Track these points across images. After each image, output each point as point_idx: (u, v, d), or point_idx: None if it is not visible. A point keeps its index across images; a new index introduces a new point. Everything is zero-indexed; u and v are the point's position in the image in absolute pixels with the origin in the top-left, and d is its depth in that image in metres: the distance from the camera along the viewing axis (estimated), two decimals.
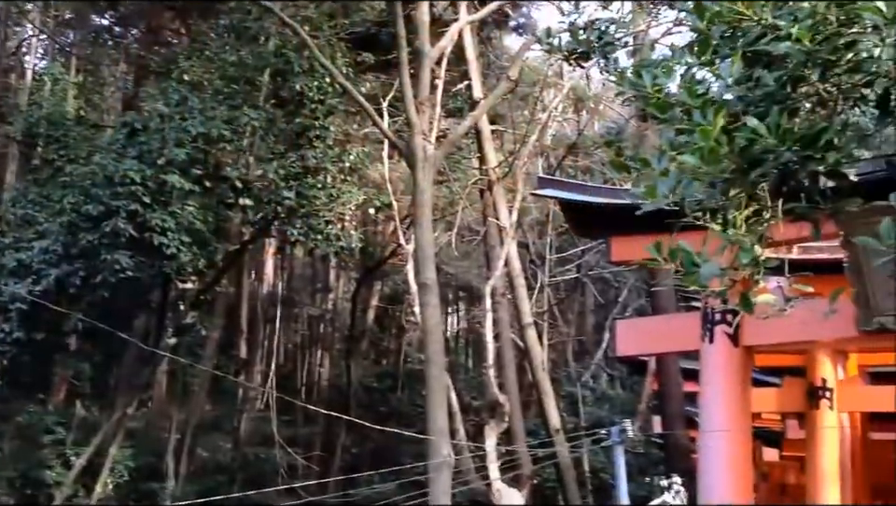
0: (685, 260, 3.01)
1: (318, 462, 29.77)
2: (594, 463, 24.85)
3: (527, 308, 21.32)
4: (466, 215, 24.92)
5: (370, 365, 34.90)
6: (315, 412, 25.94)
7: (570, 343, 33.25)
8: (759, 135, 2.74)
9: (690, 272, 3.01)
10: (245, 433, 29.98)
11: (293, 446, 28.05)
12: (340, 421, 25.38)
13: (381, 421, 28.03)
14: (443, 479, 13.16)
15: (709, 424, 10.16)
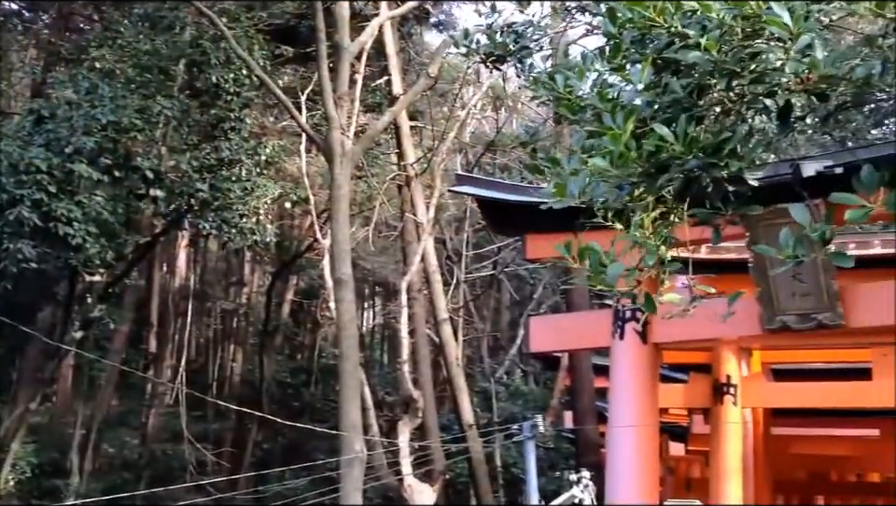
0: (592, 260, 3.08)
1: (229, 458, 29.39)
2: (506, 458, 25.11)
3: (443, 304, 21.40)
4: (383, 210, 24.88)
5: (284, 360, 34.56)
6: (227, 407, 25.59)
7: (485, 339, 33.49)
8: (666, 142, 2.82)
9: (597, 272, 3.08)
10: (153, 429, 29.40)
11: (203, 442, 27.61)
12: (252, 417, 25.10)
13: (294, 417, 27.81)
14: (355, 475, 13.13)
15: (618, 419, 10.38)
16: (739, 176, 2.96)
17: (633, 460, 10.17)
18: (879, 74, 2.64)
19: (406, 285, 19.70)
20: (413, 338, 20.75)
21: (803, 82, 2.66)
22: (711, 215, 3.12)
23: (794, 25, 2.55)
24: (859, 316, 9.30)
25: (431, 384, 21.69)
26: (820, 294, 9.44)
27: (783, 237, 2.81)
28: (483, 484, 19.61)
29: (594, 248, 3.12)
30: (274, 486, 19.70)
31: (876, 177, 2.65)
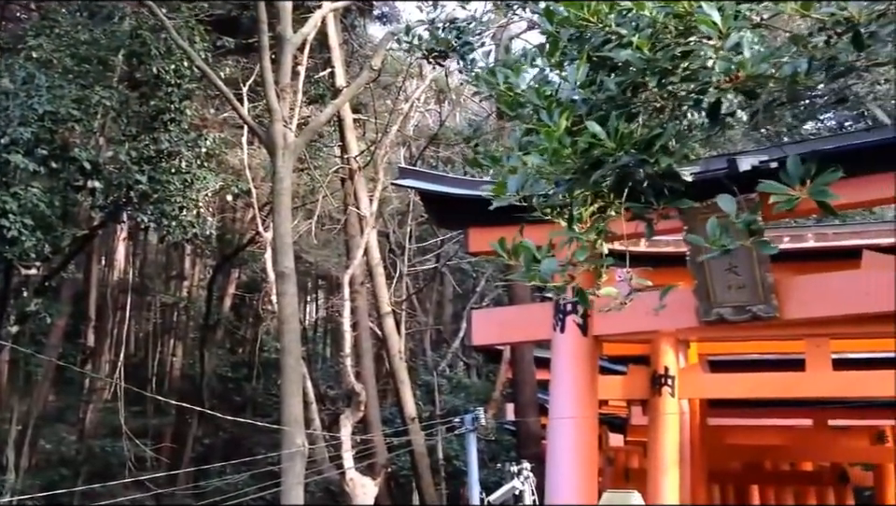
0: (527, 256, 3.13)
1: (168, 454, 29.04)
2: (448, 451, 25.20)
3: (386, 297, 21.40)
4: (326, 203, 24.76)
5: (225, 354, 34.21)
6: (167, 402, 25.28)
7: (428, 332, 33.55)
8: (600, 139, 2.88)
9: (531, 268, 3.12)
10: (90, 425, 28.92)
11: (142, 438, 27.24)
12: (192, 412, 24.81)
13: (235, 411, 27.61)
14: (297, 469, 13.09)
15: (558, 411, 10.50)
16: (672, 172, 3.03)
17: (572, 451, 10.30)
18: (806, 72, 2.73)
19: (349, 278, 19.66)
20: (356, 331, 20.73)
21: (732, 80, 2.74)
22: (644, 209, 3.19)
23: (724, 24, 2.63)
24: (792, 308, 9.52)
25: (374, 377, 21.69)
26: (755, 287, 9.64)
27: (710, 227, 2.89)
28: (425, 477, 19.68)
29: (527, 245, 3.17)
30: (215, 482, 19.51)
31: (802, 169, 2.74)
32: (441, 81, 24.28)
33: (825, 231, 13.15)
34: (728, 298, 9.90)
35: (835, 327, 11.96)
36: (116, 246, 33.33)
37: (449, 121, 28.72)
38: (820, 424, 18.50)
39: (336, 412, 21.84)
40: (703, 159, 12.08)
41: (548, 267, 3.08)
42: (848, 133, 11.64)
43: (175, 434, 30.35)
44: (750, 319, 9.86)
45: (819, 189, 2.73)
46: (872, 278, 9.08)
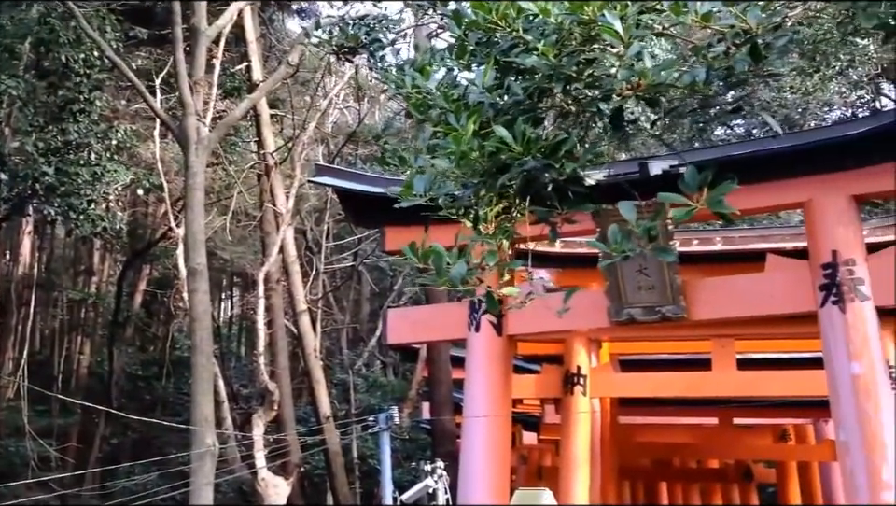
0: (436, 261, 3.13)
1: (74, 454, 28.23)
2: (363, 450, 25.11)
3: (302, 295, 21.22)
4: (242, 199, 24.40)
5: (135, 352, 33.42)
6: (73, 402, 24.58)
7: (345, 330, 33.37)
8: (506, 143, 2.90)
9: (441, 272, 3.13)
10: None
11: (47, 438, 26.40)
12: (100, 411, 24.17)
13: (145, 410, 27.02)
14: (206, 469, 12.88)
15: (472, 409, 10.55)
16: (576, 177, 3.07)
17: (486, 450, 10.36)
18: (704, 81, 2.80)
19: (264, 275, 19.43)
20: (271, 329, 20.50)
21: (633, 88, 2.79)
22: (549, 213, 3.23)
23: (625, 33, 2.67)
24: (699, 309, 9.74)
25: (289, 376, 21.48)
26: (664, 288, 9.84)
27: (611, 233, 2.94)
28: (339, 477, 19.57)
29: (437, 250, 3.17)
30: (122, 482, 19.05)
31: (700, 178, 2.80)
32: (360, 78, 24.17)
33: (732, 234, 13.52)
34: (638, 299, 10.08)
35: (741, 328, 12.30)
36: (21, 240, 32.24)
37: (368, 119, 28.62)
38: (726, 422, 19.02)
39: (249, 411, 21.55)
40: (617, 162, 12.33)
41: (458, 271, 3.09)
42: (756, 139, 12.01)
43: (82, 434, 29.52)
44: (659, 320, 10.06)
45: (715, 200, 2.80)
46: (775, 281, 9.36)
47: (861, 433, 8.31)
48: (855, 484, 8.32)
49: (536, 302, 11.37)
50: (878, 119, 10.21)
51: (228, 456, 17.71)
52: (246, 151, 24.32)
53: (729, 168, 8.96)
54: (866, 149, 8.54)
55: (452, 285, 3.14)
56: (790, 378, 13.14)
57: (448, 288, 3.18)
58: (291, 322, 22.12)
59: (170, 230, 22.13)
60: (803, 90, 17.53)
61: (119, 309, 29.29)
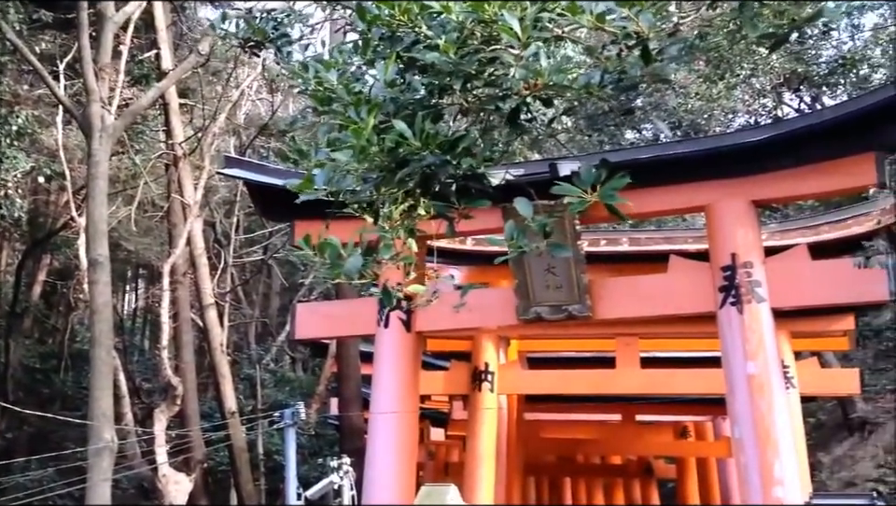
0: (332, 253, 3.11)
1: None
2: (269, 446, 24.82)
3: (209, 288, 20.85)
4: (149, 190, 23.82)
5: (32, 344, 32.28)
6: None
7: (253, 324, 32.92)
8: (406, 138, 2.90)
9: (335, 264, 3.11)
10: None
11: None
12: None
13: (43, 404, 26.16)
14: (104, 465, 12.56)
15: (379, 405, 10.53)
16: (476, 174, 3.10)
17: (392, 446, 10.34)
18: (598, 83, 2.85)
19: (170, 267, 19.01)
20: (176, 323, 20.09)
21: (530, 88, 2.82)
22: (447, 209, 3.24)
23: (523, 34, 2.70)
24: (605, 308, 9.90)
25: (194, 370, 21.08)
26: (571, 287, 9.98)
27: (507, 228, 2.97)
28: (243, 473, 19.30)
29: (332, 242, 3.15)
30: (17, 477, 18.43)
31: (594, 174, 2.85)
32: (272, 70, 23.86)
33: (639, 235, 13.81)
34: (546, 297, 10.20)
35: (644, 327, 12.60)
36: None
37: (282, 111, 28.26)
38: (629, 419, 19.45)
39: (151, 406, 21.07)
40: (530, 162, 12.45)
41: (352, 264, 3.07)
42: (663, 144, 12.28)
43: None
44: (566, 318, 10.19)
45: (608, 193, 2.86)
46: (677, 282, 9.58)
47: (755, 430, 8.57)
48: (749, 479, 8.58)
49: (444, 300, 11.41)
50: (779, 126, 10.57)
51: (128, 451, 17.27)
52: (154, 141, 23.73)
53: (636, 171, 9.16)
54: (766, 156, 8.81)
55: (347, 277, 3.12)
56: (690, 376, 13.52)
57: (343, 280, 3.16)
58: (198, 315, 21.71)
59: (72, 219, 21.43)
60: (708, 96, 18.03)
61: (17, 299, 28.28)
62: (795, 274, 8.93)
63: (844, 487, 17.54)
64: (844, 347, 15.18)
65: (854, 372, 14.89)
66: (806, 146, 8.64)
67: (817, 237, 11.50)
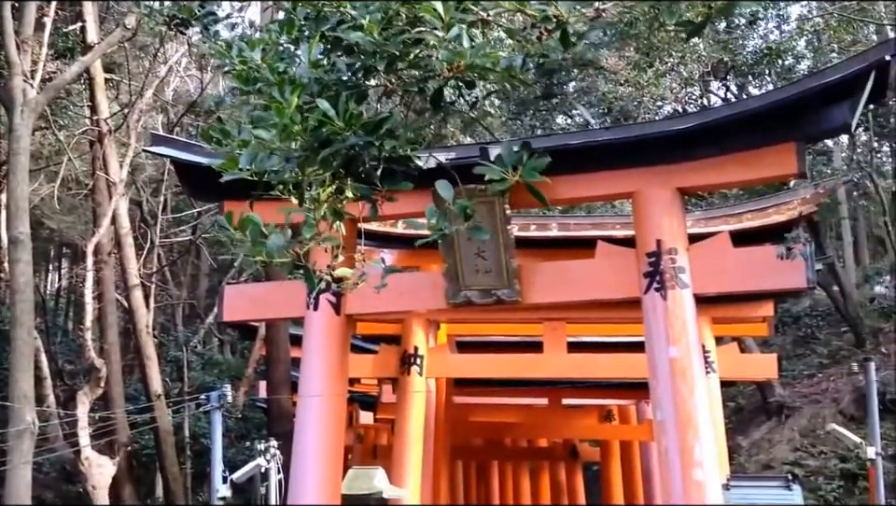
0: (253, 231, 3.09)
1: None
2: (195, 429, 24.53)
3: (135, 268, 20.48)
4: (73, 166, 23.25)
5: None
6: None
7: (181, 306, 32.43)
8: (329, 118, 2.89)
9: (257, 243, 3.09)
10: None
11: None
12: None
13: None
14: (24, 447, 12.30)
15: (308, 389, 10.47)
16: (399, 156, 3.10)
17: (320, 429, 10.29)
18: (520, 66, 2.88)
19: (94, 247, 18.60)
20: (101, 304, 19.70)
21: (453, 70, 2.83)
22: (369, 191, 3.24)
23: (446, 15, 2.71)
24: (533, 292, 9.97)
25: (119, 352, 20.72)
26: (501, 272, 10.03)
27: (428, 211, 2.98)
28: (169, 456, 19.07)
29: (253, 220, 3.13)
30: None
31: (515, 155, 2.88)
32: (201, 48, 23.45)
33: (568, 221, 13.97)
34: (475, 281, 10.23)
35: (571, 312, 12.75)
36: None
37: (211, 88, 27.78)
38: (555, 403, 19.70)
39: (74, 388, 20.65)
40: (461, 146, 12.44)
41: (274, 243, 3.05)
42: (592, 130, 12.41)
43: None
44: (495, 302, 10.25)
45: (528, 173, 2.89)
46: (604, 267, 9.70)
47: (677, 413, 8.74)
48: (669, 461, 8.75)
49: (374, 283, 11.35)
50: (705, 115, 10.78)
51: (49, 434, 16.92)
52: (79, 116, 23.15)
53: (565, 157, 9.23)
54: (692, 144, 8.96)
55: (269, 257, 3.10)
56: (615, 361, 13.73)
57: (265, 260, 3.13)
58: (123, 296, 21.31)
59: None
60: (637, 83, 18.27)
61: None
62: (717, 261, 9.12)
63: (761, 470, 18.04)
64: (763, 333, 15.60)
65: (772, 358, 15.31)
66: (731, 135, 8.81)
67: (739, 225, 11.76)
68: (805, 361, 22.65)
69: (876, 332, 20.96)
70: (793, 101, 8.43)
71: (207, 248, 31.60)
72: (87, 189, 22.52)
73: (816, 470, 17.41)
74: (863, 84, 8.13)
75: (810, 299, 24.68)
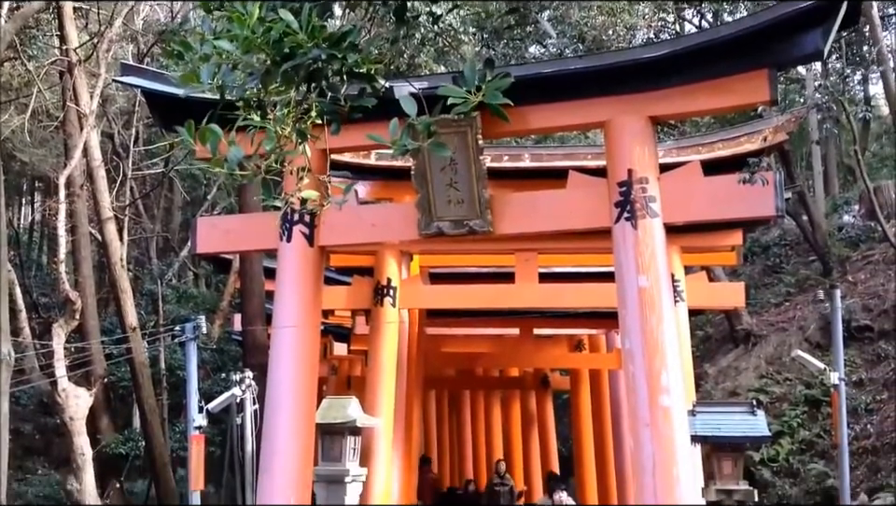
0: (212, 141, 3.09)
1: None
2: (171, 362, 24.68)
3: (108, 201, 20.34)
4: (43, 98, 22.91)
5: None
6: None
7: (155, 239, 32.30)
8: (292, 30, 2.88)
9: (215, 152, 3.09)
10: None
11: None
12: None
13: None
14: (1, 378, 12.32)
15: (282, 319, 10.50)
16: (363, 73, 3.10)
17: (294, 359, 10.34)
18: None
19: (66, 179, 18.44)
20: (74, 236, 19.60)
21: None
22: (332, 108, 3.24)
23: None
24: (505, 223, 9.98)
25: (93, 285, 20.71)
26: (473, 202, 10.02)
27: (391, 127, 3.00)
28: (145, 388, 19.19)
29: (214, 131, 3.13)
30: None
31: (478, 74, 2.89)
32: None
33: (540, 151, 13.98)
34: (447, 212, 10.22)
35: (543, 242, 12.84)
36: None
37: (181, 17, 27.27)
38: (527, 333, 19.94)
39: (49, 320, 20.65)
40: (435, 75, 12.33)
41: (234, 155, 3.07)
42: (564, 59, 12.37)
43: None
44: (467, 233, 10.25)
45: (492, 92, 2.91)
46: (575, 197, 9.74)
47: (644, 341, 8.87)
48: (636, 388, 8.90)
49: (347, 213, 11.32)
50: (677, 42, 10.75)
51: (25, 365, 16.97)
52: (48, 47, 22.74)
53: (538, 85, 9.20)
54: (664, 72, 8.94)
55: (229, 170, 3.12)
56: (586, 291, 13.90)
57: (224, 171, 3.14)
58: (96, 230, 21.19)
59: None
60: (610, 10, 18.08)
61: None
62: (688, 189, 9.19)
63: (727, 397, 18.42)
64: (732, 263, 15.80)
65: (740, 287, 15.52)
66: (703, 62, 8.81)
67: (711, 154, 11.82)
68: (773, 291, 22.99)
69: (844, 261, 21.26)
70: (765, 28, 8.43)
71: (180, 181, 31.40)
72: (57, 122, 22.23)
73: (780, 397, 17.79)
74: (836, 10, 8.14)
75: (779, 229, 24.96)
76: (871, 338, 17.76)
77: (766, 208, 8.95)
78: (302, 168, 3.41)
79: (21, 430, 25.16)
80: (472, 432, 27.42)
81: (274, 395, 10.24)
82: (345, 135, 3.76)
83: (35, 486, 24.42)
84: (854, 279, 20.01)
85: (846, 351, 13.45)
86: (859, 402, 15.95)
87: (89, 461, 16.13)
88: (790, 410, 17.23)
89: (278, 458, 9.93)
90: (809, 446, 16.43)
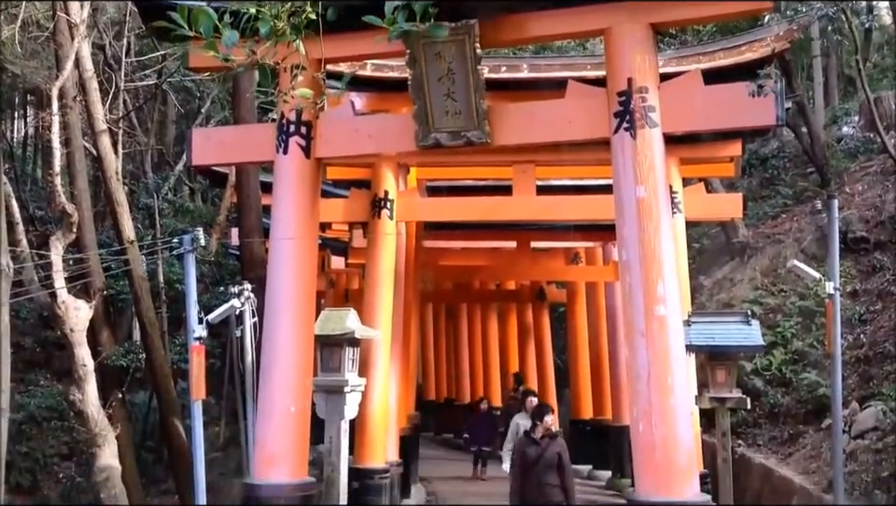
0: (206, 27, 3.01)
1: None
2: (170, 276, 24.78)
3: (101, 114, 20.09)
4: (34, 7, 22.45)
5: None
6: None
7: (149, 153, 32.05)
8: None
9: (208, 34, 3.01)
10: None
11: None
12: None
13: None
14: (1, 289, 12.37)
15: (279, 231, 10.50)
16: None
17: (292, 271, 10.38)
18: None
19: (58, 91, 18.16)
20: (69, 149, 19.43)
21: None
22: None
23: None
24: (502, 134, 9.90)
25: (89, 199, 20.61)
26: (470, 113, 9.92)
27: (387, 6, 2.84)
28: (144, 300, 19.27)
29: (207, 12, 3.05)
30: None
31: None
32: None
33: (539, 62, 13.79)
34: (445, 124, 10.12)
35: (541, 154, 12.78)
36: None
37: None
38: (524, 246, 20.03)
39: (46, 233, 20.64)
40: None
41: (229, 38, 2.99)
42: None
43: None
44: (465, 144, 10.18)
45: None
46: (574, 107, 9.63)
47: (641, 252, 8.88)
48: (633, 298, 8.95)
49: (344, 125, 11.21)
50: None
51: (24, 278, 17.04)
52: None
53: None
54: None
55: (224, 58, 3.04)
56: (583, 203, 13.91)
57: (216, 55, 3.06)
58: (91, 144, 21.00)
59: None
60: None
61: None
62: (688, 99, 9.08)
63: (722, 308, 18.56)
64: (730, 174, 15.74)
65: (737, 197, 15.52)
66: None
67: (712, 63, 11.67)
68: (771, 203, 22.97)
69: (842, 173, 21.18)
70: None
71: (173, 94, 31.03)
72: (48, 32, 21.81)
73: (775, 308, 17.91)
74: None
75: (778, 141, 24.81)
76: (867, 249, 17.83)
77: (767, 117, 8.86)
78: (297, 65, 3.34)
79: (21, 344, 25.41)
80: (469, 345, 27.74)
81: (273, 307, 10.31)
82: (341, 44, 3.68)
83: (38, 397, 24.78)
84: (851, 191, 19.98)
85: (841, 262, 13.51)
86: (853, 313, 16.08)
87: (91, 372, 16.30)
88: (784, 320, 17.39)
89: (278, 369, 10.04)
90: (802, 356, 16.64)
